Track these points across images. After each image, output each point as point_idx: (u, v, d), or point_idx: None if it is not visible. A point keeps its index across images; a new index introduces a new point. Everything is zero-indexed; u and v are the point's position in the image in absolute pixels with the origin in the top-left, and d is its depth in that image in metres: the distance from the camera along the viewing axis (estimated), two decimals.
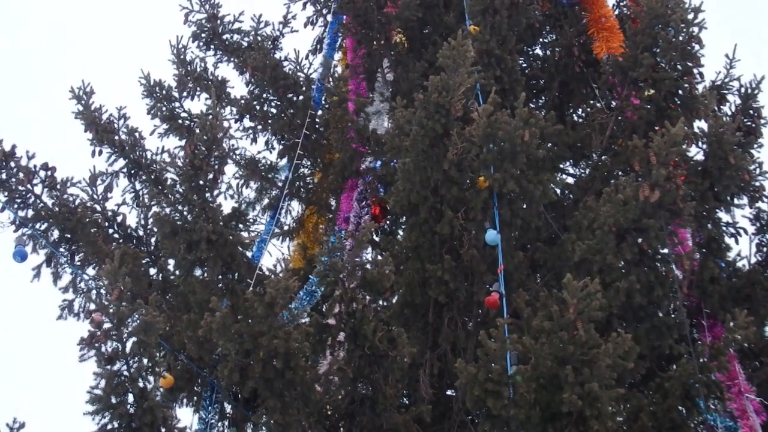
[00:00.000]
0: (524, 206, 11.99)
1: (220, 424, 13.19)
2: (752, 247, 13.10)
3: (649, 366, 11.65)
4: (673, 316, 11.64)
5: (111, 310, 9.66)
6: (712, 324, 12.34)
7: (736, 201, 12.84)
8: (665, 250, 11.61)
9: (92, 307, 9.94)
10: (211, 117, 12.02)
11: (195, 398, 13.30)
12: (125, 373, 9.79)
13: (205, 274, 12.39)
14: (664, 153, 10.89)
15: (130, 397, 9.85)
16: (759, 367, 12.84)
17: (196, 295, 12.25)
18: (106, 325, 9.65)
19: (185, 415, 14.92)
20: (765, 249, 13.16)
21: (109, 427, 9.83)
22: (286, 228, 16.07)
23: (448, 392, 12.85)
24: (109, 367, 9.70)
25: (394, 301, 12.75)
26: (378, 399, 11.11)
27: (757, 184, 13.03)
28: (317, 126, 15.08)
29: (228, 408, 13.31)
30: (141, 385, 9.88)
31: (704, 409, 11.59)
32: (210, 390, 12.89)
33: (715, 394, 11.46)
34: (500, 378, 9.58)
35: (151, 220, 13.40)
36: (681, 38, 12.84)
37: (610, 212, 11.10)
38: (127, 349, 9.81)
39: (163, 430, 9.89)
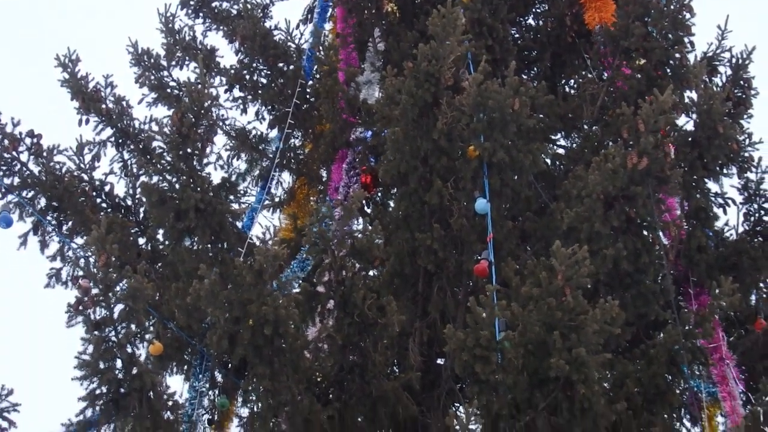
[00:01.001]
0: (514, 176, 12.01)
1: (210, 392, 13.22)
2: (740, 216, 13.14)
3: (635, 333, 11.70)
4: (659, 282, 11.66)
5: (98, 277, 9.67)
6: (698, 292, 12.39)
7: (724, 171, 12.89)
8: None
9: (80, 274, 9.97)
10: (199, 85, 12.01)
11: (185, 367, 13.32)
12: (113, 339, 9.80)
13: (194, 244, 12.41)
14: (653, 120, 10.91)
15: (119, 363, 9.87)
16: (744, 335, 12.92)
17: (185, 265, 12.25)
18: (94, 291, 9.66)
19: (175, 383, 14.99)
20: (752, 219, 13.19)
21: (98, 392, 9.86)
22: (276, 199, 16.07)
23: (438, 361, 12.89)
24: (96, 332, 9.71)
25: (383, 270, 12.79)
26: (367, 366, 11.14)
27: (746, 154, 13.08)
28: (308, 96, 15.08)
29: (218, 376, 13.35)
30: (129, 350, 9.90)
31: (688, 375, 11.67)
32: (200, 358, 12.91)
33: (700, 361, 11.52)
34: (488, 344, 9.62)
35: (139, 190, 13.36)
36: (672, 7, 12.84)
37: (598, 180, 11.13)
38: (115, 316, 9.82)
39: (151, 395, 9.90)
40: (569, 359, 9.39)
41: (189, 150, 11.96)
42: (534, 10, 15.61)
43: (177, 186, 11.99)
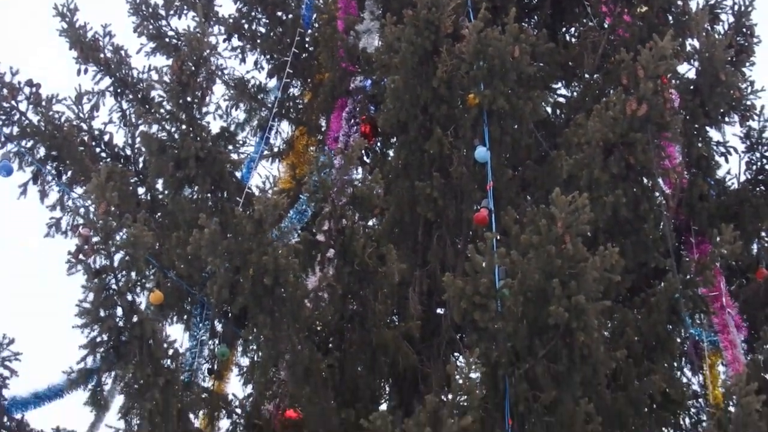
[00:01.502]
0: (514, 124, 11.97)
1: (210, 342, 13.25)
2: (742, 165, 13.12)
3: (636, 281, 11.71)
4: (659, 230, 11.63)
5: (98, 225, 9.65)
6: (699, 241, 12.39)
7: (726, 119, 12.85)
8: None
9: (79, 222, 9.95)
10: (198, 34, 11.95)
11: (185, 316, 13.35)
12: (113, 286, 9.79)
13: (194, 193, 12.40)
14: (652, 66, 10.84)
15: (119, 311, 9.87)
16: (745, 284, 12.93)
17: (185, 214, 12.25)
18: (94, 240, 9.64)
19: (176, 333, 15.01)
20: (754, 167, 13.16)
21: (98, 340, 9.86)
22: (275, 149, 16.03)
23: (438, 311, 12.90)
24: (96, 280, 9.69)
25: (383, 219, 12.78)
26: (367, 315, 11.14)
27: (748, 103, 13.01)
28: (307, 45, 15.02)
29: (218, 326, 13.38)
30: (129, 299, 9.89)
31: (689, 323, 11.68)
32: (200, 308, 12.93)
33: (701, 309, 11.53)
34: (488, 292, 9.60)
35: (138, 139, 13.33)
36: None
37: (598, 127, 11.09)
38: (115, 264, 9.80)
39: (151, 343, 9.90)
40: (569, 307, 9.37)
41: (188, 99, 11.93)
42: None
43: (176, 135, 11.97)
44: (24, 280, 31.81)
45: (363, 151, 13.30)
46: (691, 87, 12.40)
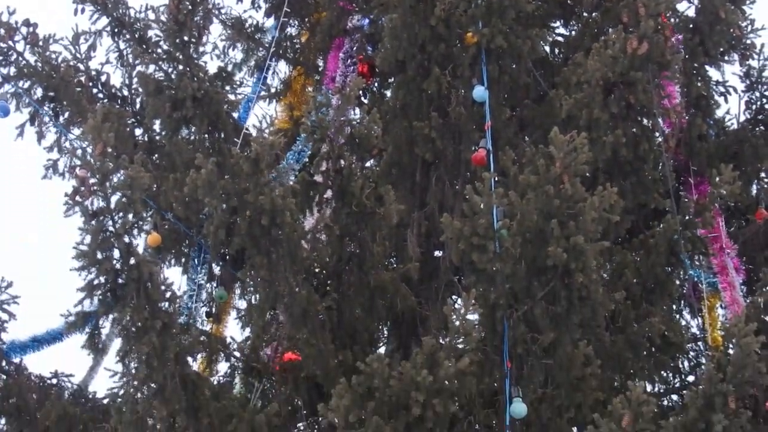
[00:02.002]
0: (513, 63, 11.89)
1: (208, 285, 13.23)
2: (741, 105, 13.02)
3: (635, 223, 11.68)
4: (659, 170, 11.57)
5: (95, 166, 9.57)
6: (698, 182, 12.32)
7: (726, 58, 12.74)
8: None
9: (77, 163, 9.88)
10: None
11: (183, 259, 13.31)
12: (110, 228, 9.72)
13: (191, 134, 12.33)
14: (653, 4, 10.73)
15: (116, 253, 9.81)
16: (744, 225, 12.90)
17: (182, 155, 12.17)
18: (91, 181, 9.57)
19: (173, 276, 14.97)
20: (754, 107, 13.06)
21: (96, 282, 9.81)
22: (273, 89, 15.93)
23: (436, 253, 12.87)
24: (93, 222, 9.63)
25: (381, 161, 12.72)
26: (365, 257, 11.12)
27: (748, 41, 12.89)
28: None
29: (216, 269, 13.36)
30: (127, 240, 9.83)
31: (688, 265, 11.66)
32: (198, 251, 12.90)
33: (700, 250, 11.51)
34: (486, 232, 9.54)
35: (135, 80, 13.23)
36: None
37: (598, 66, 10.99)
38: (112, 205, 9.73)
39: (149, 285, 9.87)
40: (567, 247, 9.32)
41: (185, 38, 11.83)
42: None
43: (173, 75, 11.89)
44: (21, 221, 31.87)
45: (361, 91, 13.24)
46: (691, 25, 12.29)
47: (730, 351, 9.14)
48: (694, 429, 8.63)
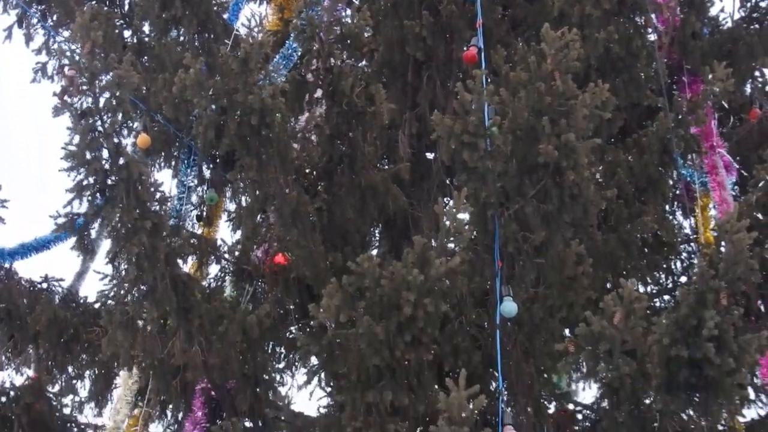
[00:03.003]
0: None
1: (198, 188, 13.19)
2: (735, 2, 12.88)
3: (627, 122, 11.61)
4: (651, 67, 11.48)
5: (83, 65, 9.46)
6: (692, 80, 12.25)
7: None
8: None
9: (65, 63, 9.77)
10: None
11: (172, 162, 13.25)
12: (99, 128, 9.63)
13: (181, 35, 12.20)
14: None
15: (105, 153, 9.73)
16: (738, 124, 12.83)
17: (172, 56, 12.06)
18: (79, 80, 9.46)
19: (163, 178, 14.91)
20: (749, 5, 12.91)
21: (85, 183, 9.75)
22: None
23: (427, 154, 12.81)
24: (82, 122, 9.54)
25: (372, 61, 12.60)
26: (356, 157, 11.06)
27: None
28: None
29: (206, 172, 13.30)
30: (116, 141, 9.74)
31: (681, 164, 11.61)
32: (187, 153, 12.84)
33: (692, 149, 11.45)
34: (477, 130, 9.43)
35: None
36: None
37: None
38: (101, 105, 9.64)
39: (139, 186, 9.80)
40: (558, 145, 9.22)
41: None
42: None
43: None
44: (9, 125, 31.69)
45: None
46: None
47: (722, 249, 9.11)
48: (686, 326, 8.59)
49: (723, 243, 8.98)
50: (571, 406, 12.49)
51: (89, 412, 13.00)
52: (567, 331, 10.99)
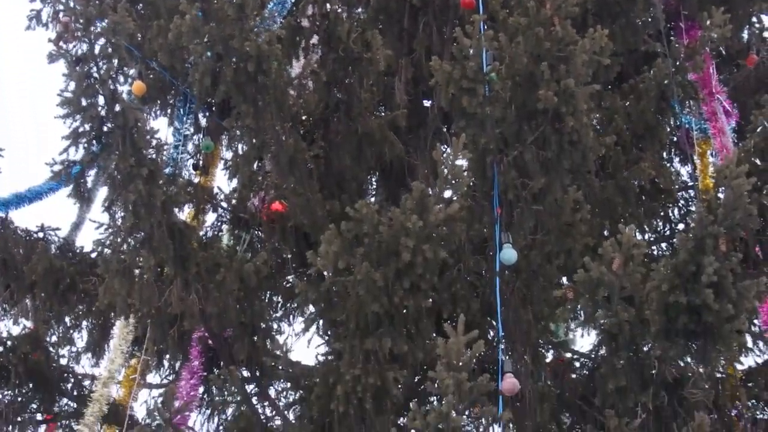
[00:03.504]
0: None
1: (194, 137, 13.13)
2: None
3: (625, 68, 11.54)
4: (649, 12, 11.40)
5: (78, 11, 9.39)
6: (689, 26, 12.19)
7: None
8: None
9: (59, 8, 9.69)
10: None
11: (168, 110, 13.19)
12: (95, 75, 9.57)
13: None
14: None
15: (101, 100, 9.67)
16: (736, 70, 12.77)
17: (167, 3, 11.98)
18: (74, 26, 9.39)
19: (159, 127, 14.84)
20: None
21: (81, 130, 9.70)
22: None
23: (424, 102, 12.76)
24: (77, 68, 9.48)
25: (368, 7, 12.52)
26: (353, 104, 11.04)
27: None
28: None
29: (202, 121, 13.24)
30: (112, 87, 9.68)
31: (679, 111, 11.56)
32: (183, 101, 12.78)
33: (690, 96, 11.41)
34: (475, 75, 9.37)
35: None
36: None
37: None
38: (96, 51, 9.57)
39: (135, 133, 9.75)
40: (558, 91, 9.18)
41: None
42: None
43: None
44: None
45: None
46: None
47: (720, 196, 9.08)
48: (684, 272, 8.57)
49: (722, 189, 8.96)
50: (568, 355, 12.53)
51: (86, 362, 13.03)
52: (564, 280, 11.00)
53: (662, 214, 12.78)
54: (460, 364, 7.69)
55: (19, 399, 12.45)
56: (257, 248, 11.87)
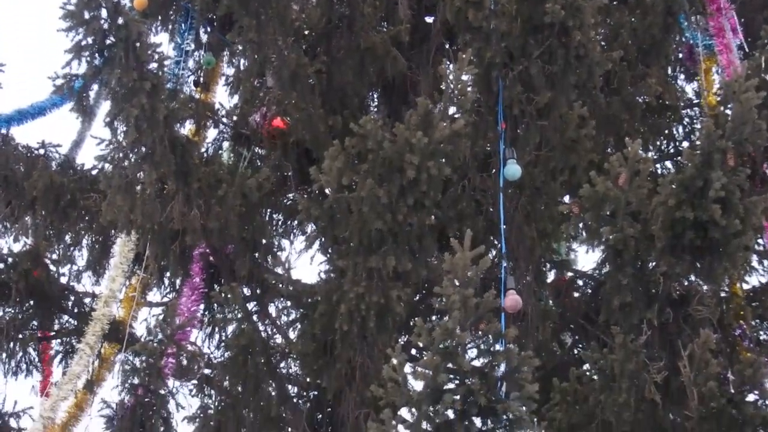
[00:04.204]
0: None
1: (196, 53, 13.01)
2: None
3: None
4: None
5: None
6: None
7: None
8: None
9: None
10: None
11: (169, 26, 13.04)
12: None
13: None
14: None
15: (104, 13, 9.55)
16: None
17: None
18: None
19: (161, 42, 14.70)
20: None
21: (83, 43, 9.59)
22: None
23: (427, 18, 12.62)
24: None
25: None
26: (355, 18, 10.93)
27: None
28: None
29: (203, 35, 13.11)
30: (114, 0, 9.56)
31: (685, 26, 11.45)
32: (184, 16, 12.65)
33: (697, 11, 11.28)
34: None
35: None
36: None
37: None
38: None
39: (137, 45, 9.63)
40: (565, 4, 9.08)
41: None
42: None
43: None
44: None
45: None
46: None
47: (728, 112, 8.99)
48: (691, 187, 8.50)
49: (730, 104, 8.86)
50: (570, 275, 12.53)
51: (87, 281, 13.02)
52: (567, 198, 10.96)
53: (666, 131, 12.67)
54: (467, 279, 7.63)
55: (20, 316, 12.45)
56: (257, 165, 11.77)
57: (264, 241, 11.22)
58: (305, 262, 11.84)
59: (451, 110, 9.27)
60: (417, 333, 7.66)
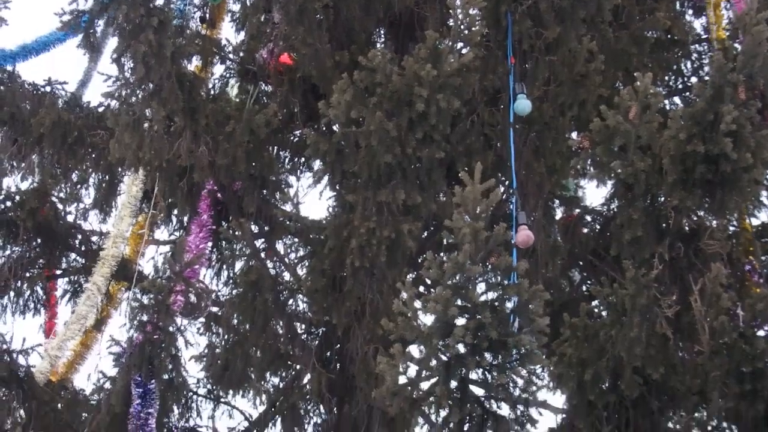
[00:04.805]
0: None
1: None
2: None
3: None
4: None
5: None
6: None
7: None
8: None
9: None
10: None
11: None
12: None
13: None
14: None
15: None
16: None
17: None
18: None
19: None
20: None
21: None
22: None
23: None
24: None
25: None
26: None
27: None
28: None
29: None
30: None
31: None
32: None
33: None
34: None
35: None
36: None
37: None
38: None
39: None
40: None
41: None
42: None
43: None
44: None
45: None
46: None
47: (737, 46, 8.92)
48: (702, 120, 8.44)
49: (740, 38, 8.78)
50: (578, 211, 12.50)
51: (94, 219, 13.03)
52: (575, 134, 10.90)
53: (675, 67, 12.59)
54: (478, 212, 7.61)
55: (27, 255, 12.46)
56: (264, 102, 11.71)
57: (272, 177, 11.15)
58: (313, 199, 11.79)
59: (459, 45, 9.20)
60: (427, 266, 7.66)
